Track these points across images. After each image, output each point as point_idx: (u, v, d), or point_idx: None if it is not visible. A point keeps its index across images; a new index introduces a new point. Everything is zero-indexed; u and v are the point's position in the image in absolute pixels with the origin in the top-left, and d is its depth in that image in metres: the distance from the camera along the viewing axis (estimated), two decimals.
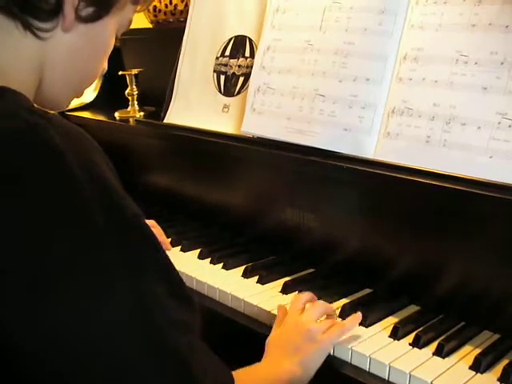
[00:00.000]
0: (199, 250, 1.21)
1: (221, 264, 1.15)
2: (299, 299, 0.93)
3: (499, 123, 0.88)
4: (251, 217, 1.24)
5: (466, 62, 0.93)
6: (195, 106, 1.35)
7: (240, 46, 1.29)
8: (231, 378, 0.69)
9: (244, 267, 1.12)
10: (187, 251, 1.23)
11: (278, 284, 1.06)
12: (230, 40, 1.31)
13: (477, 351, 0.84)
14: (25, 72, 0.66)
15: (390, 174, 0.93)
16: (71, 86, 0.73)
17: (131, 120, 1.52)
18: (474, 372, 0.80)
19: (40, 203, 0.54)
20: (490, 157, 0.88)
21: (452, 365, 0.82)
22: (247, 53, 1.27)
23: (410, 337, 0.88)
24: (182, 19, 1.55)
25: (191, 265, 1.16)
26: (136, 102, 1.61)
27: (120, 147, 1.42)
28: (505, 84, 0.88)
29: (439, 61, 0.96)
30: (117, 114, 1.58)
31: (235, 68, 1.29)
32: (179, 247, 1.24)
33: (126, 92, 1.61)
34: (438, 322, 0.93)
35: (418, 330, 0.89)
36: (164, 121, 1.40)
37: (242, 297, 1.01)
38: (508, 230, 0.84)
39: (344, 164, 0.99)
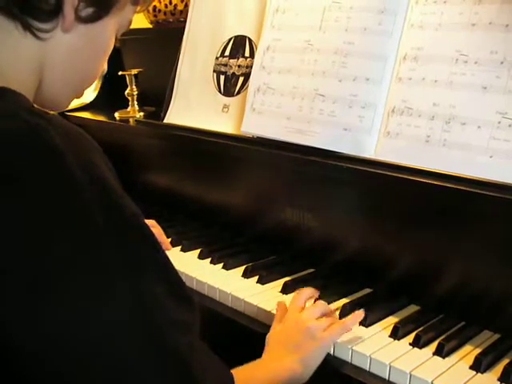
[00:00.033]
0: (199, 250, 1.21)
1: (221, 264, 1.15)
2: (300, 296, 0.93)
3: (499, 123, 0.88)
4: (251, 217, 1.24)
5: (466, 62, 0.93)
6: (195, 106, 1.35)
7: (240, 46, 1.29)
8: (231, 378, 0.69)
9: (244, 267, 1.12)
10: (187, 251, 1.23)
11: (278, 284, 1.06)
12: (230, 40, 1.31)
13: (477, 351, 0.84)
14: (24, 72, 0.66)
15: (390, 174, 0.93)
16: (71, 87, 0.73)
17: (131, 120, 1.52)
18: (475, 372, 0.80)
19: (40, 203, 0.54)
20: (490, 156, 0.88)
21: (452, 364, 0.82)
22: (247, 53, 1.27)
23: (411, 336, 0.88)
24: (182, 19, 1.55)
25: (191, 265, 1.16)
26: (136, 102, 1.61)
27: (120, 147, 1.42)
28: (505, 83, 0.88)
29: (439, 60, 0.96)
30: (117, 114, 1.58)
31: (235, 68, 1.29)
32: (179, 247, 1.24)
33: (126, 92, 1.61)
34: (439, 322, 0.93)
35: (419, 330, 0.89)
36: (164, 121, 1.40)
37: (242, 297, 1.01)
38: (508, 230, 0.84)
39: (344, 164, 0.99)
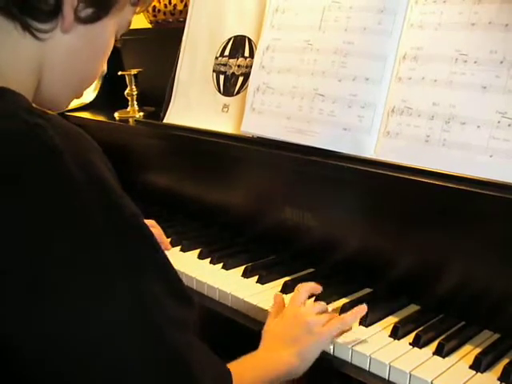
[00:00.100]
0: (199, 250, 1.21)
1: (221, 264, 1.15)
2: (300, 292, 0.93)
3: (499, 122, 0.88)
4: (251, 217, 1.24)
5: (466, 61, 0.93)
6: (195, 106, 1.35)
7: (239, 46, 1.29)
8: (229, 375, 0.69)
9: (244, 267, 1.12)
10: (187, 251, 1.23)
11: (278, 284, 1.06)
12: (230, 40, 1.31)
13: (477, 350, 0.84)
14: (24, 73, 0.66)
15: (390, 174, 0.93)
16: (70, 87, 0.73)
17: (131, 120, 1.52)
18: (475, 371, 0.80)
19: (40, 204, 0.54)
20: (490, 156, 0.88)
21: (452, 364, 0.82)
22: (246, 53, 1.27)
23: (411, 336, 0.88)
24: (182, 19, 1.56)
25: (191, 265, 1.16)
26: (135, 102, 1.61)
27: (120, 147, 1.42)
28: (504, 83, 0.88)
29: (439, 60, 0.96)
30: (116, 115, 1.58)
31: (235, 68, 1.29)
32: (179, 247, 1.24)
33: (126, 92, 1.61)
34: (438, 322, 0.93)
35: (418, 330, 0.89)
36: (163, 121, 1.40)
37: (242, 297, 1.01)
38: (508, 230, 0.84)
39: (344, 164, 0.99)
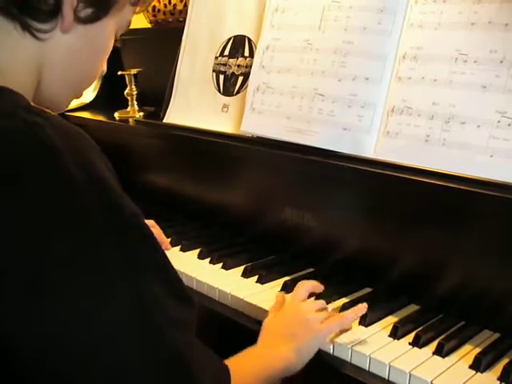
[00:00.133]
0: (199, 250, 1.21)
1: (220, 264, 1.15)
2: (302, 289, 0.93)
3: (499, 122, 0.88)
4: (251, 216, 1.24)
5: (466, 61, 0.93)
6: (194, 106, 1.35)
7: (239, 46, 1.29)
8: (227, 373, 0.69)
9: (244, 267, 1.12)
10: (187, 251, 1.22)
11: (278, 284, 1.06)
12: (229, 40, 1.31)
13: (477, 350, 0.84)
14: (23, 73, 0.66)
15: (390, 174, 0.93)
16: (70, 87, 0.73)
17: (131, 120, 1.52)
18: (474, 371, 0.80)
19: (40, 204, 0.54)
20: (490, 156, 0.88)
21: (452, 364, 0.82)
22: (246, 52, 1.27)
23: (410, 336, 0.88)
24: (181, 19, 1.56)
25: (191, 265, 1.15)
26: (135, 102, 1.61)
27: (119, 147, 1.42)
28: (504, 82, 0.88)
29: (438, 59, 0.96)
30: (116, 114, 1.58)
31: (234, 68, 1.29)
32: (179, 247, 1.24)
33: (126, 92, 1.61)
34: (438, 322, 0.93)
35: (418, 330, 0.89)
36: (163, 121, 1.40)
37: (242, 296, 1.01)
38: (508, 229, 0.84)
39: (343, 163, 0.99)
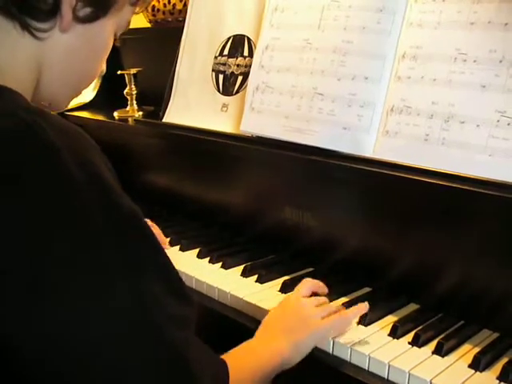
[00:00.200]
0: (198, 250, 1.21)
1: (220, 263, 1.15)
2: (305, 286, 0.93)
3: (498, 121, 0.88)
4: (250, 216, 1.24)
5: (465, 60, 0.93)
6: (194, 106, 1.35)
7: (239, 45, 1.29)
8: (226, 370, 0.70)
9: (243, 266, 1.12)
10: (186, 250, 1.22)
11: (277, 283, 1.06)
12: (229, 39, 1.31)
13: (476, 350, 0.84)
14: (23, 72, 0.66)
15: (389, 173, 0.93)
16: (69, 87, 0.73)
17: (130, 119, 1.52)
18: (474, 370, 0.80)
19: (40, 204, 0.54)
20: (489, 155, 0.88)
21: (451, 363, 0.82)
22: (246, 52, 1.27)
23: (410, 335, 0.88)
24: (181, 19, 1.55)
25: (190, 264, 1.15)
26: (135, 102, 1.61)
27: (119, 147, 1.42)
28: (504, 82, 0.88)
29: (438, 59, 0.96)
30: (116, 114, 1.58)
31: (234, 67, 1.29)
32: (178, 246, 1.24)
33: (125, 91, 1.61)
34: (438, 321, 0.93)
35: (418, 329, 0.89)
36: (163, 120, 1.39)
37: (241, 296, 1.01)
38: (507, 229, 0.84)
39: (343, 163, 0.99)
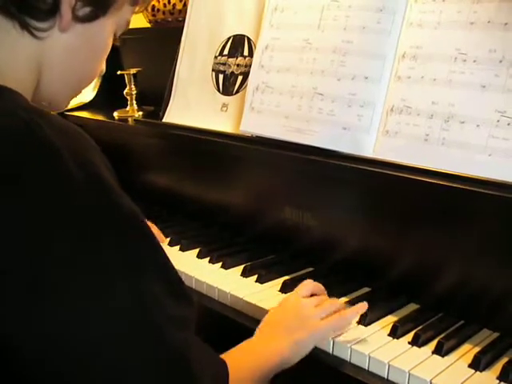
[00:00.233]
0: (198, 250, 1.21)
1: (220, 263, 1.15)
2: (305, 287, 0.93)
3: (498, 121, 0.88)
4: (250, 216, 1.24)
5: (465, 60, 0.93)
6: (194, 106, 1.35)
7: (238, 45, 1.29)
8: (226, 370, 0.70)
9: (243, 266, 1.12)
10: (186, 250, 1.22)
11: (277, 283, 1.06)
12: (229, 39, 1.31)
13: (476, 349, 0.84)
14: (22, 72, 0.66)
15: (389, 173, 0.93)
16: (69, 86, 0.73)
17: (130, 119, 1.52)
18: (474, 370, 0.80)
19: (40, 204, 0.54)
20: (489, 155, 0.88)
21: (451, 363, 0.82)
22: (246, 52, 1.27)
23: (410, 335, 0.88)
24: (181, 18, 1.55)
25: (190, 264, 1.15)
26: (135, 102, 1.60)
27: (119, 147, 1.42)
28: (503, 82, 0.88)
29: (438, 59, 0.96)
30: (115, 114, 1.58)
31: (234, 67, 1.29)
32: (178, 246, 1.24)
33: (125, 91, 1.61)
34: (438, 321, 0.93)
35: (418, 329, 0.89)
36: (163, 120, 1.39)
37: (241, 296, 1.01)
38: (507, 228, 0.84)
39: (343, 163, 0.99)
